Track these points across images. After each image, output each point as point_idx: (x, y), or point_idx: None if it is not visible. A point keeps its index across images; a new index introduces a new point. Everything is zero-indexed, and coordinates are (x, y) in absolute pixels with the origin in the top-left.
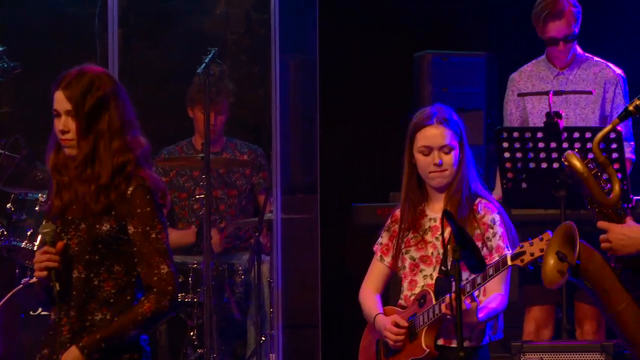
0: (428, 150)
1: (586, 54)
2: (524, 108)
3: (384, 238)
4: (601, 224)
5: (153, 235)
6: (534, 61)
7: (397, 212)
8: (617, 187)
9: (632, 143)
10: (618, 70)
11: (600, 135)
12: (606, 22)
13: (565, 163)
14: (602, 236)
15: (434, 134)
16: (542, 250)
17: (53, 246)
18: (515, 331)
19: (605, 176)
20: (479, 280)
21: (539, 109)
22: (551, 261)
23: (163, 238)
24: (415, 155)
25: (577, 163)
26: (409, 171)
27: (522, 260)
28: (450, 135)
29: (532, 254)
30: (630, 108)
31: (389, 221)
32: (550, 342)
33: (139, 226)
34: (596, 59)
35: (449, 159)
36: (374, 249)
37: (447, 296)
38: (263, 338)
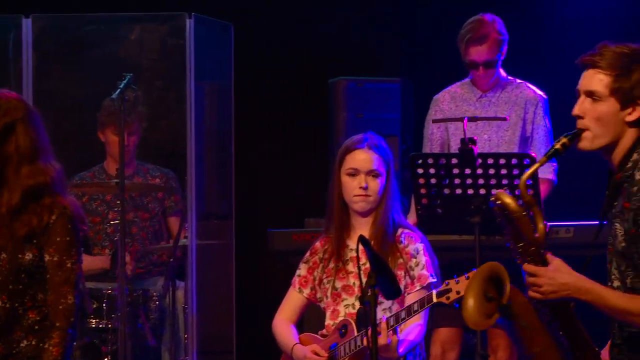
0: (355, 172)
1: (509, 77)
2: (446, 129)
3: (302, 270)
4: (528, 267)
5: (68, 265)
6: (458, 83)
7: (317, 244)
8: (541, 226)
9: (554, 164)
10: (539, 92)
11: (527, 174)
12: (527, 46)
13: (498, 202)
14: (530, 280)
15: (362, 158)
16: None
17: None
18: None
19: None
20: (403, 314)
21: (461, 132)
22: (471, 302)
23: (76, 269)
24: (342, 178)
25: (510, 202)
26: (337, 195)
27: (447, 298)
28: (378, 161)
29: (457, 292)
30: (558, 146)
31: (307, 254)
32: None
33: (56, 254)
34: (518, 81)
35: (374, 184)
36: (292, 281)
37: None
38: None
